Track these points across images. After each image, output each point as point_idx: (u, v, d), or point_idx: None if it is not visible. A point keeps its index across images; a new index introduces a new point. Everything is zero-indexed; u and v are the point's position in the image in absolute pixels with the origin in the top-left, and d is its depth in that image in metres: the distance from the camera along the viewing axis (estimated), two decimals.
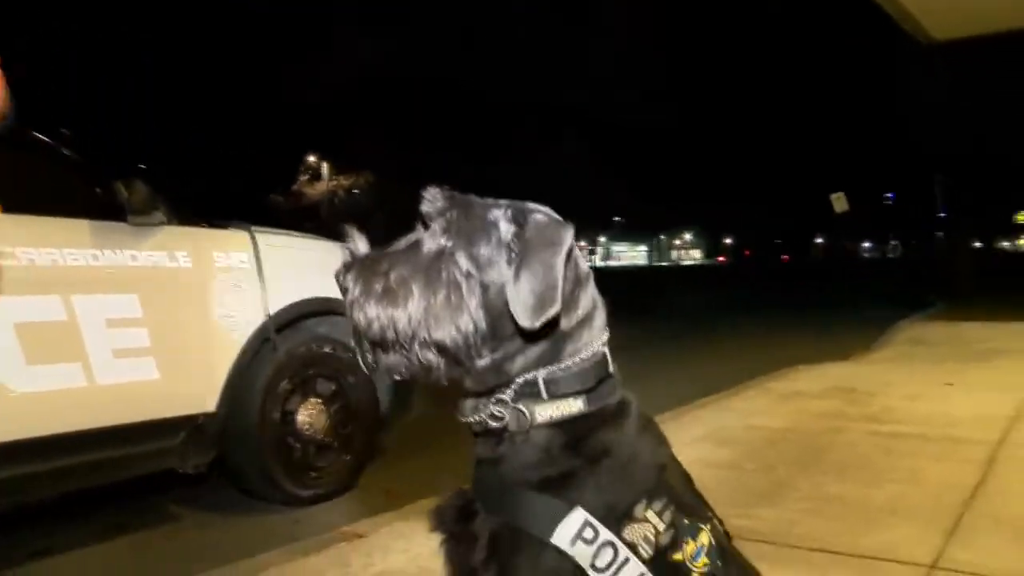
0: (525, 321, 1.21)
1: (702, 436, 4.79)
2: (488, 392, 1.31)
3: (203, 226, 3.77)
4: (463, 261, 1.24)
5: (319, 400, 4.07)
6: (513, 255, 1.26)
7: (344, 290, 1.26)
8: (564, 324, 1.29)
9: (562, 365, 1.30)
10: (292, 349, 3.95)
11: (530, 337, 1.28)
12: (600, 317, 1.37)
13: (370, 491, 4.26)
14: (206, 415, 3.61)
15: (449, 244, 1.26)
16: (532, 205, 1.32)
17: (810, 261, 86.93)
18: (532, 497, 1.25)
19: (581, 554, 1.21)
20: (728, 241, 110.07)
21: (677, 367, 8.87)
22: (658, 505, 1.28)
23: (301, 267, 4.10)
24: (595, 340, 1.34)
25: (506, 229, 1.28)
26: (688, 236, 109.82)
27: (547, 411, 1.29)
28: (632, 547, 1.23)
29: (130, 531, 3.78)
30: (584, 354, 1.32)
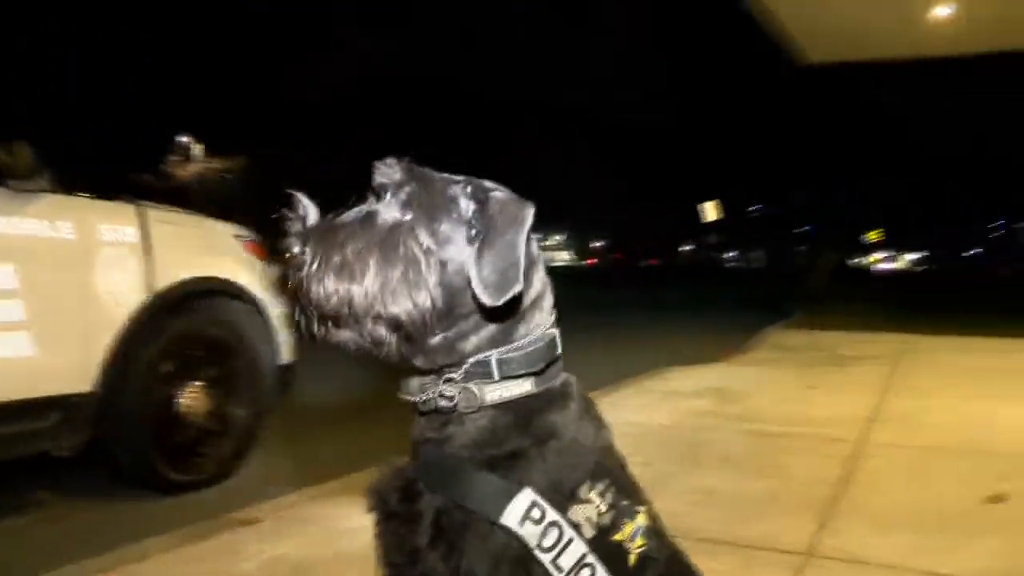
0: (487, 299, 1.21)
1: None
2: (437, 371, 1.30)
3: (89, 197, 3.57)
4: (423, 236, 1.22)
5: (202, 382, 3.92)
6: (473, 232, 1.25)
7: (294, 258, 1.20)
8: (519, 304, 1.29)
9: (515, 345, 1.30)
10: (177, 329, 3.79)
11: (490, 315, 1.27)
12: (549, 298, 1.38)
13: (251, 477, 4.14)
14: (82, 395, 3.40)
15: (408, 218, 1.23)
16: (489, 183, 1.32)
17: (677, 267, 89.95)
18: (480, 477, 1.24)
19: (529, 534, 1.21)
20: (598, 244, 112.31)
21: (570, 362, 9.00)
22: (600, 486, 1.30)
23: (190, 245, 3.95)
24: (545, 321, 1.36)
25: (466, 205, 1.27)
26: (559, 237, 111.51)
27: (497, 391, 1.29)
28: (576, 527, 1.25)
29: None
30: (535, 335, 1.33)
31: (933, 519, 3.30)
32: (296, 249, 1.20)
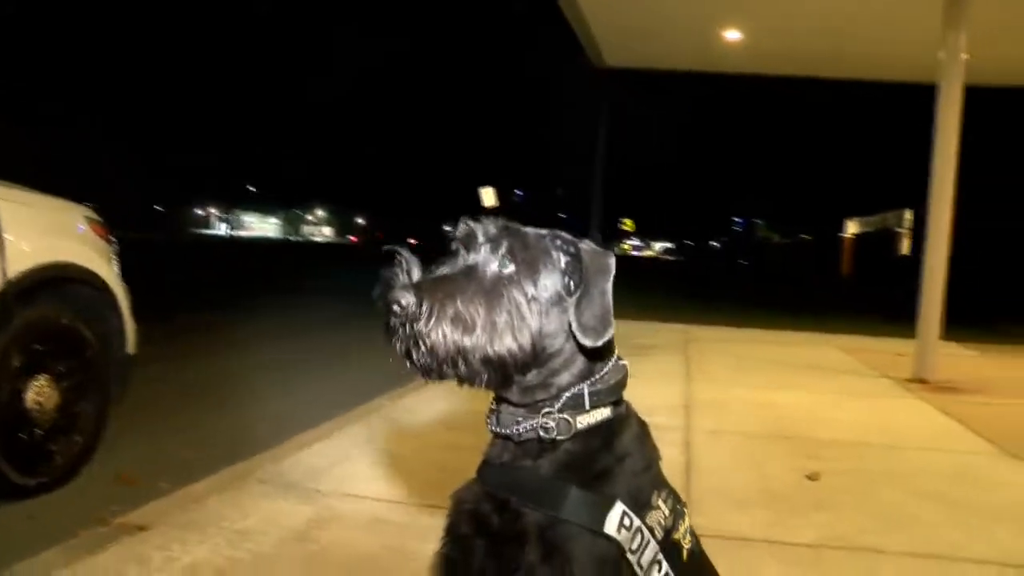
0: (588, 341, 1.39)
1: (434, 420, 5.01)
2: (532, 404, 1.45)
3: None
4: (528, 287, 1.38)
5: (51, 377, 3.62)
6: (569, 282, 1.43)
7: (404, 311, 1.31)
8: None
9: (601, 378, 1.48)
10: (28, 319, 3.47)
11: (585, 354, 1.45)
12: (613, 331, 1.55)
13: (101, 479, 3.88)
14: None
15: (510, 270, 1.39)
16: (569, 235, 1.50)
17: (439, 246, 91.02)
18: (579, 494, 1.39)
19: (623, 539, 1.39)
20: (360, 221, 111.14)
21: (373, 348, 9.02)
22: (664, 494, 1.51)
23: (44, 228, 3.61)
24: (614, 352, 1.52)
25: (558, 257, 1.44)
26: (320, 212, 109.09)
27: (586, 420, 1.46)
28: (652, 530, 1.44)
29: None
30: (612, 367, 1.50)
31: (768, 497, 3.78)
32: (405, 300, 1.30)
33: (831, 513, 3.60)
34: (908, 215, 32.09)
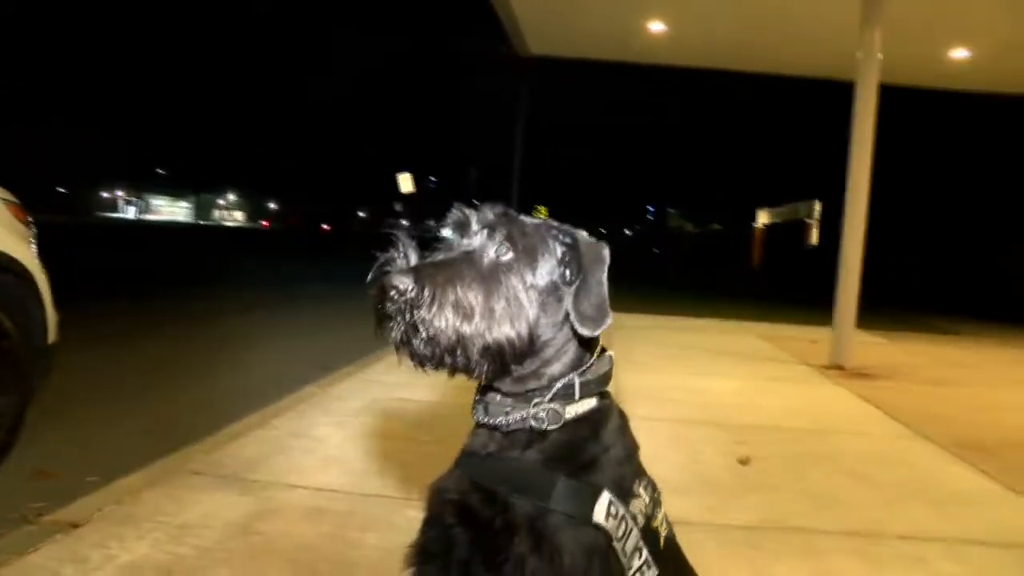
0: (586, 331, 1.40)
1: (361, 409, 4.95)
2: (522, 394, 1.44)
3: None
4: (526, 275, 1.38)
5: None
6: (565, 270, 1.43)
7: (402, 296, 1.28)
8: None
9: (591, 368, 1.49)
10: None
11: (581, 343, 1.45)
12: None
13: (19, 474, 3.70)
14: None
15: (508, 257, 1.38)
16: (567, 226, 1.49)
17: (352, 232, 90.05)
18: (567, 483, 1.40)
19: (611, 527, 1.40)
20: (273, 206, 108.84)
21: (298, 335, 8.86)
22: (644, 482, 1.53)
23: None
24: (599, 344, 1.52)
25: (555, 246, 1.44)
26: (232, 196, 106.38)
27: (574, 409, 1.46)
28: (634, 519, 1.45)
29: None
30: (600, 358, 1.51)
31: (704, 482, 3.87)
32: (403, 284, 1.28)
33: (764, 495, 3.71)
34: (817, 206, 33.11)
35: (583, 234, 1.47)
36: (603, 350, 1.53)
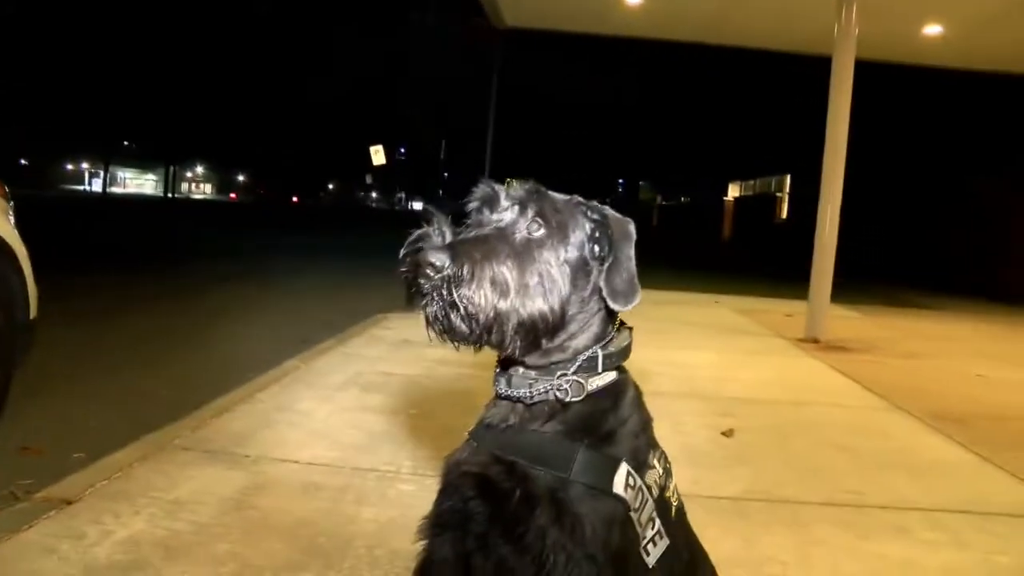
0: (619, 306, 1.43)
1: (344, 382, 4.95)
2: (547, 367, 1.45)
3: None
4: (559, 250, 1.39)
5: None
6: (595, 246, 1.44)
7: (439, 272, 1.28)
8: None
9: (613, 340, 1.51)
10: None
11: (607, 318, 1.48)
12: None
13: (4, 452, 3.65)
14: None
15: (540, 233, 1.39)
16: (595, 203, 1.50)
17: (322, 206, 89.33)
18: (589, 455, 1.42)
19: (629, 498, 1.43)
20: (241, 178, 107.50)
21: (274, 309, 8.80)
22: (658, 454, 1.55)
23: None
24: (619, 317, 1.54)
25: (584, 222, 1.45)
26: (200, 169, 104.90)
27: (596, 381, 1.48)
28: (649, 489, 1.47)
29: None
30: (622, 331, 1.53)
31: (690, 454, 3.92)
32: (440, 261, 1.28)
33: (749, 467, 3.78)
34: (787, 180, 33.36)
35: (611, 210, 1.48)
36: (623, 324, 1.54)
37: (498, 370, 1.51)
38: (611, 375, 1.50)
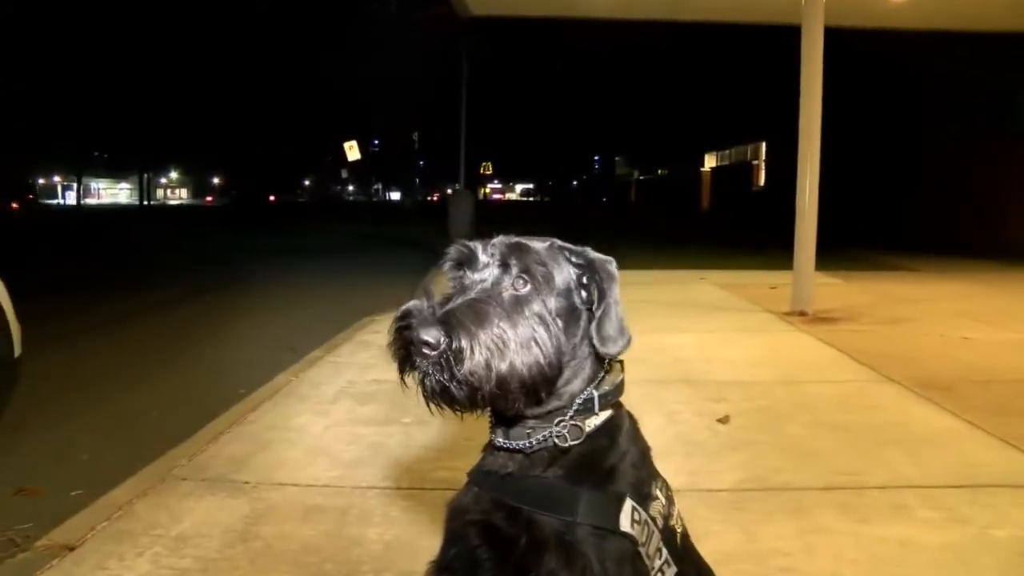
0: (611, 351, 1.43)
1: (337, 394, 4.94)
2: (544, 415, 1.46)
3: None
4: (550, 302, 1.39)
5: None
6: (583, 292, 1.45)
7: (434, 349, 1.27)
8: None
9: (607, 380, 1.51)
10: None
11: (599, 359, 1.47)
12: None
13: None
14: None
15: (527, 290, 1.38)
16: (578, 247, 1.50)
17: (301, 202, 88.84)
18: (593, 496, 1.43)
19: (636, 533, 1.43)
20: (216, 181, 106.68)
21: (257, 318, 8.76)
22: (660, 483, 1.56)
23: None
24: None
25: (569, 269, 1.45)
26: (174, 174, 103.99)
27: (593, 421, 1.48)
28: (654, 521, 1.48)
29: None
30: (613, 367, 1.53)
31: (685, 444, 3.94)
32: (433, 338, 1.27)
33: (745, 454, 3.80)
34: (763, 147, 33.42)
35: (594, 252, 1.48)
36: (613, 359, 1.55)
37: (493, 420, 1.50)
38: (607, 412, 1.50)
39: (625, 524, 1.41)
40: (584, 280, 1.45)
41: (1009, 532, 2.94)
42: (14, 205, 59.44)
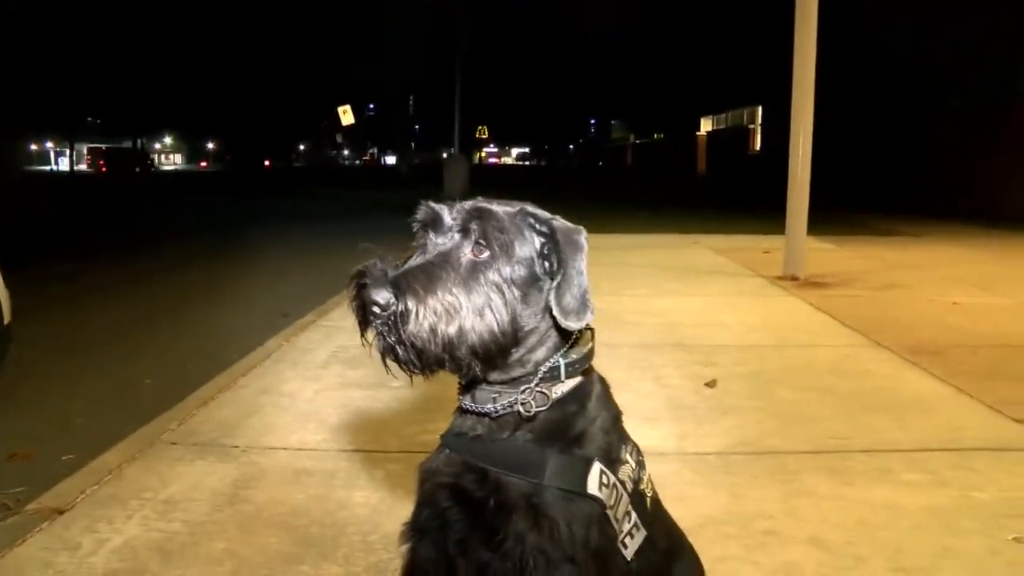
0: (572, 324, 1.41)
1: (328, 358, 4.95)
2: (509, 381, 1.46)
3: None
4: (505, 270, 1.38)
5: None
6: (544, 262, 1.43)
7: (384, 310, 1.28)
8: None
9: (573, 348, 1.50)
10: None
11: (562, 332, 1.46)
12: None
13: None
14: None
15: (486, 255, 1.38)
16: (543, 213, 1.48)
17: (296, 167, 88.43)
18: (560, 459, 1.44)
19: (604, 496, 1.45)
20: (210, 146, 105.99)
21: (250, 284, 8.75)
22: (629, 447, 1.58)
23: None
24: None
25: (532, 237, 1.44)
26: (168, 140, 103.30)
27: (560, 389, 1.48)
28: (623, 484, 1.50)
29: None
30: (583, 335, 1.53)
31: (674, 408, 3.97)
32: (383, 298, 1.28)
33: (733, 418, 3.83)
34: (759, 111, 33.23)
35: (560, 222, 1.46)
36: (585, 328, 1.55)
37: (462, 384, 1.51)
38: (576, 380, 1.50)
39: (593, 487, 1.43)
40: (546, 250, 1.43)
41: (991, 495, 2.97)
42: None
